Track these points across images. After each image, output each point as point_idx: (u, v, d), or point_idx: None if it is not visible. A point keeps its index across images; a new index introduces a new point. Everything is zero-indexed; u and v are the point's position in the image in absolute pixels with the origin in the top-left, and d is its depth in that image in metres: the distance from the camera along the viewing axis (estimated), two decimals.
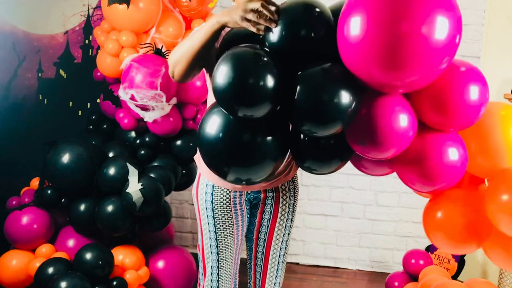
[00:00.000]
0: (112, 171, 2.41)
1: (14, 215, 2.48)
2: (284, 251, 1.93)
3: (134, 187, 2.34)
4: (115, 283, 2.34)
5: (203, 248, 1.83)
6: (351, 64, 1.19)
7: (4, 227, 2.48)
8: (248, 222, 1.87)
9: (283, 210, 1.85)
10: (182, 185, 2.80)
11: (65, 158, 2.41)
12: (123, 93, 2.43)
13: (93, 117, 2.78)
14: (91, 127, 2.78)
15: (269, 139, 1.29)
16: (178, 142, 2.68)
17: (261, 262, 1.92)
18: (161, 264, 2.64)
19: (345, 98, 1.19)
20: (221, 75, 1.20)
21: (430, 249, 2.92)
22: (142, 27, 2.57)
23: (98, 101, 2.80)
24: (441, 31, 1.09)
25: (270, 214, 1.85)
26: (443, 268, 2.80)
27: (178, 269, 2.68)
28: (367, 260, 3.54)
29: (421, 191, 1.40)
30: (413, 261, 2.79)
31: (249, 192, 1.79)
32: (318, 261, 3.58)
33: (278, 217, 1.86)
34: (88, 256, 2.30)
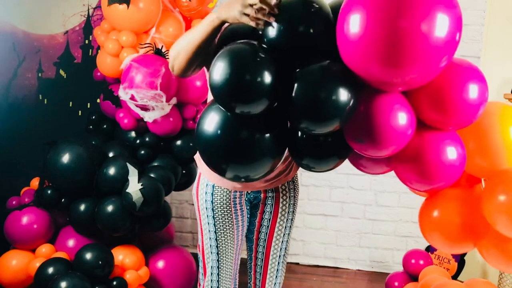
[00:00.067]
0: (112, 171, 2.41)
1: (14, 215, 2.48)
2: (284, 251, 1.92)
3: (134, 187, 2.34)
4: (115, 283, 2.34)
5: (203, 248, 1.83)
6: (350, 61, 1.19)
7: (4, 227, 2.48)
8: (248, 222, 1.87)
9: (283, 210, 1.85)
10: (182, 185, 2.80)
11: (65, 158, 2.41)
12: (123, 93, 2.43)
13: (93, 117, 2.78)
14: (91, 127, 2.78)
15: (267, 136, 1.28)
16: (178, 142, 2.68)
17: (261, 262, 1.91)
18: (161, 264, 2.64)
19: (343, 95, 1.18)
20: (218, 71, 1.19)
21: (430, 249, 2.92)
22: (142, 27, 2.57)
23: (98, 101, 2.80)
24: (441, 28, 1.09)
25: (270, 214, 1.85)
26: (443, 268, 2.80)
27: (178, 269, 2.68)
28: (367, 260, 3.53)
29: (418, 190, 1.40)
30: (413, 261, 2.79)
31: (249, 192, 1.79)
32: (318, 261, 3.57)
33: (278, 217, 1.85)
34: (88, 256, 2.30)
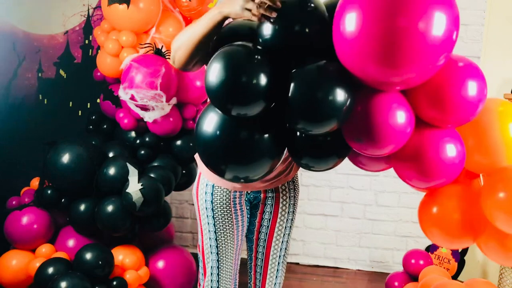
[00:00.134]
0: (112, 171, 2.41)
1: (14, 215, 2.48)
2: (285, 251, 1.92)
3: (134, 187, 2.34)
4: (115, 283, 2.34)
5: (203, 248, 1.83)
6: (347, 61, 1.17)
7: (4, 227, 2.48)
8: (248, 222, 1.86)
9: (283, 210, 1.85)
10: (182, 185, 2.80)
11: (65, 158, 2.41)
12: (123, 93, 2.43)
13: (93, 117, 2.78)
14: (91, 127, 2.78)
15: (266, 136, 1.28)
16: (178, 142, 2.67)
17: (261, 262, 1.91)
18: (161, 264, 2.64)
19: (340, 95, 1.18)
20: (213, 74, 1.19)
21: (430, 249, 2.91)
22: (142, 27, 2.57)
23: (98, 101, 2.80)
24: (438, 27, 1.07)
25: (270, 215, 1.84)
26: (443, 268, 2.80)
27: (178, 269, 2.68)
28: (367, 260, 3.53)
29: (418, 187, 1.40)
30: (413, 261, 2.79)
31: (249, 192, 1.79)
32: (318, 261, 3.57)
33: (278, 217, 1.85)
34: (88, 256, 2.30)
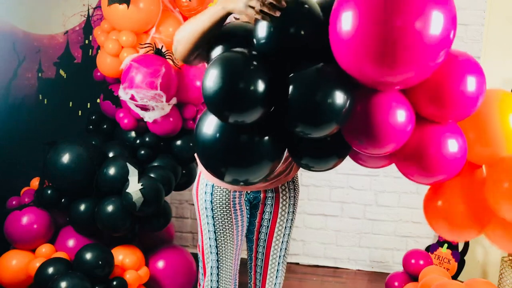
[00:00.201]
0: (112, 171, 2.41)
1: (14, 215, 2.48)
2: (285, 251, 1.92)
3: (134, 187, 2.34)
4: (115, 283, 2.34)
5: (203, 248, 1.83)
6: (344, 62, 1.16)
7: (4, 227, 2.48)
8: (248, 222, 1.86)
9: (283, 210, 1.85)
10: (182, 185, 2.80)
11: (65, 158, 2.41)
12: (123, 93, 2.43)
13: (93, 117, 2.78)
14: (91, 127, 2.78)
15: (266, 139, 1.27)
16: (178, 142, 2.68)
17: (261, 262, 1.91)
18: (161, 264, 2.64)
19: (339, 98, 1.17)
20: (210, 81, 1.18)
21: (430, 249, 2.92)
22: (142, 27, 2.56)
23: (98, 101, 2.80)
24: (435, 26, 1.07)
25: (270, 215, 1.84)
26: (443, 268, 2.80)
27: (178, 269, 2.68)
28: (367, 260, 3.53)
29: (420, 183, 1.39)
30: (413, 261, 2.79)
31: (249, 192, 1.79)
32: (318, 261, 3.57)
33: (278, 218, 1.85)
34: (88, 256, 2.30)
